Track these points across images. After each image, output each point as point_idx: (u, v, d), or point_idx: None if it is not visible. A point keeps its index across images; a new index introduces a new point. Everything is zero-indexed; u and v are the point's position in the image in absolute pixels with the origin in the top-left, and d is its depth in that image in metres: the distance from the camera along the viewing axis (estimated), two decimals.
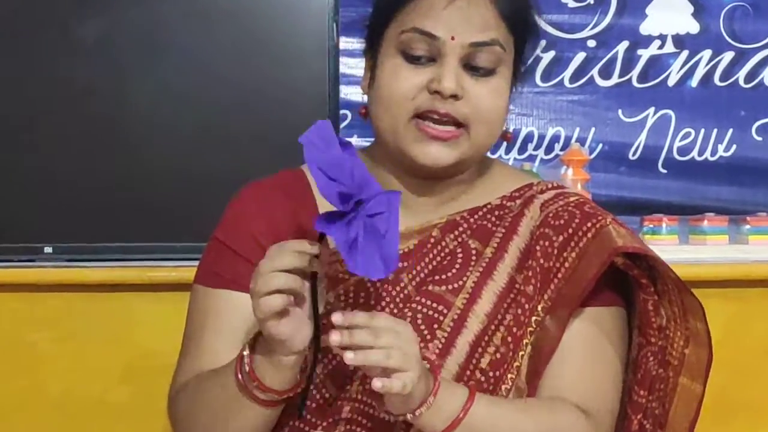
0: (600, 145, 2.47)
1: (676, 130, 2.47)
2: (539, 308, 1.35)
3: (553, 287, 1.35)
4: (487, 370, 1.33)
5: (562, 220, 1.38)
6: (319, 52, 2.05)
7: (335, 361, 1.33)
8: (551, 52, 2.45)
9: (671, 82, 2.47)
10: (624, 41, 2.46)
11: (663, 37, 2.47)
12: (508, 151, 2.45)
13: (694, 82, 2.47)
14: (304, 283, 1.18)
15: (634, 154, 2.47)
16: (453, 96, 1.31)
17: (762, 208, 2.31)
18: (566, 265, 1.34)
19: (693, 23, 2.47)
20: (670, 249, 2.05)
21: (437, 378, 1.23)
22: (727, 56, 2.46)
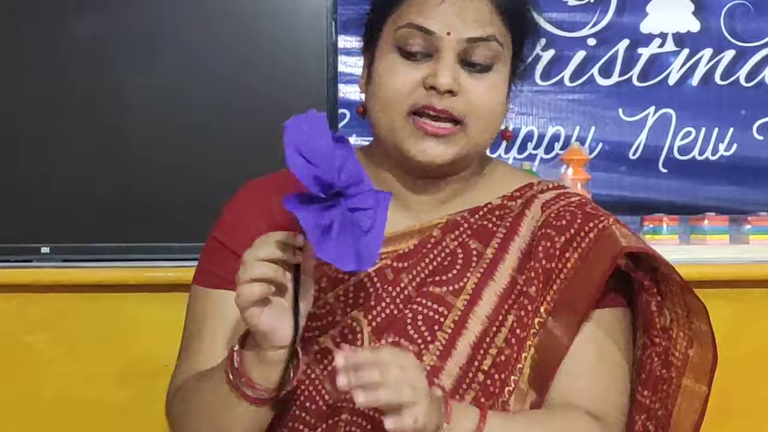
0: (600, 145, 2.46)
1: (677, 130, 2.46)
2: (542, 310, 1.34)
3: (555, 288, 1.34)
4: (492, 373, 1.32)
5: (564, 221, 1.37)
6: (318, 51, 2.04)
7: (335, 363, 1.31)
8: (551, 51, 2.45)
9: (672, 81, 2.47)
10: (624, 40, 2.46)
11: (663, 36, 2.47)
12: (507, 151, 2.44)
13: (695, 81, 2.47)
14: (286, 274, 1.17)
15: (634, 154, 2.46)
16: (449, 92, 1.30)
17: (763, 207, 2.31)
18: (568, 266, 1.34)
19: (694, 21, 2.46)
20: (670, 249, 2.03)
21: (449, 404, 1.22)
22: (728, 55, 2.46)
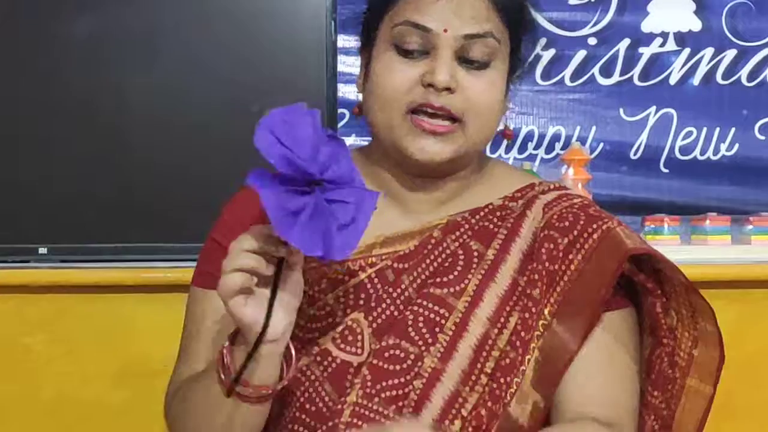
0: (601, 145, 2.46)
1: (678, 129, 2.46)
2: (546, 312, 1.33)
3: (559, 290, 1.33)
4: (498, 377, 1.31)
5: (567, 222, 1.37)
6: (317, 51, 2.04)
7: (335, 364, 1.31)
8: (551, 50, 2.44)
9: (673, 81, 2.46)
10: (625, 39, 2.45)
11: (665, 35, 2.46)
12: (508, 151, 2.44)
13: (696, 81, 2.46)
14: (268, 266, 1.16)
15: (635, 154, 2.46)
16: (447, 89, 1.30)
17: (765, 207, 2.31)
18: (572, 267, 1.33)
19: (695, 21, 2.46)
20: (671, 249, 2.02)
21: None
22: (730, 54, 2.45)
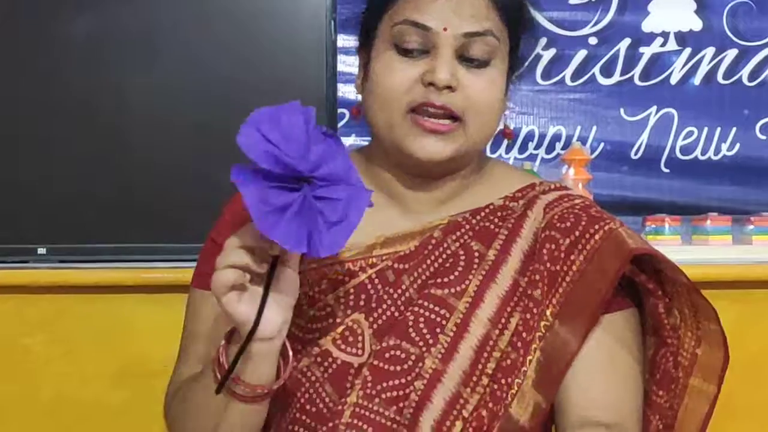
0: (601, 145, 2.46)
1: (679, 129, 2.46)
2: (548, 313, 1.33)
3: (561, 291, 1.33)
4: (499, 378, 1.30)
5: (569, 223, 1.36)
6: (317, 50, 2.04)
7: (335, 365, 1.31)
8: (552, 50, 2.44)
9: (674, 80, 2.46)
10: (626, 39, 2.45)
11: (665, 35, 2.46)
12: (508, 151, 2.43)
13: (697, 80, 2.46)
14: (261, 264, 1.16)
15: (636, 154, 2.46)
16: (447, 87, 1.29)
17: (766, 207, 2.31)
18: (573, 268, 1.33)
19: (696, 20, 2.46)
20: (672, 249, 2.01)
21: None
22: (731, 54, 2.45)
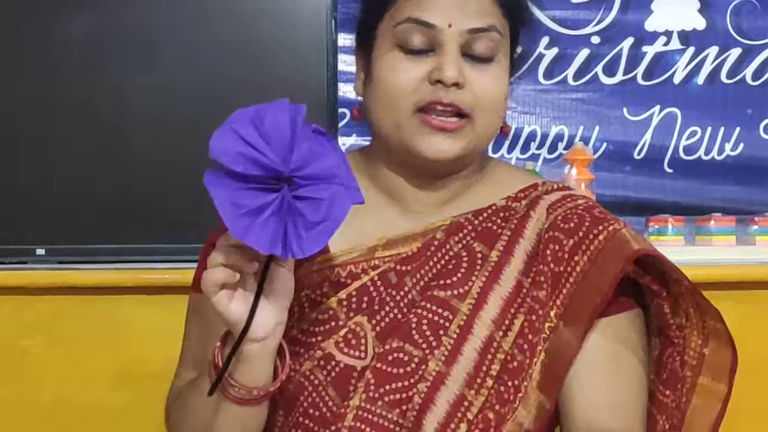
0: (604, 144, 2.45)
1: (682, 129, 2.45)
2: (552, 314, 1.32)
3: (565, 292, 1.32)
4: (506, 380, 1.30)
5: (572, 223, 1.35)
6: (318, 50, 2.04)
7: (338, 369, 1.30)
8: (554, 49, 2.43)
9: (677, 80, 2.45)
10: (629, 38, 2.44)
11: (668, 34, 2.45)
12: (510, 150, 2.43)
13: (701, 80, 2.45)
14: (252, 263, 1.15)
15: (639, 153, 2.45)
16: (455, 85, 1.29)
17: None
18: (577, 269, 1.32)
19: (699, 19, 2.45)
20: (675, 250, 2.03)
21: None
22: (734, 53, 2.44)
